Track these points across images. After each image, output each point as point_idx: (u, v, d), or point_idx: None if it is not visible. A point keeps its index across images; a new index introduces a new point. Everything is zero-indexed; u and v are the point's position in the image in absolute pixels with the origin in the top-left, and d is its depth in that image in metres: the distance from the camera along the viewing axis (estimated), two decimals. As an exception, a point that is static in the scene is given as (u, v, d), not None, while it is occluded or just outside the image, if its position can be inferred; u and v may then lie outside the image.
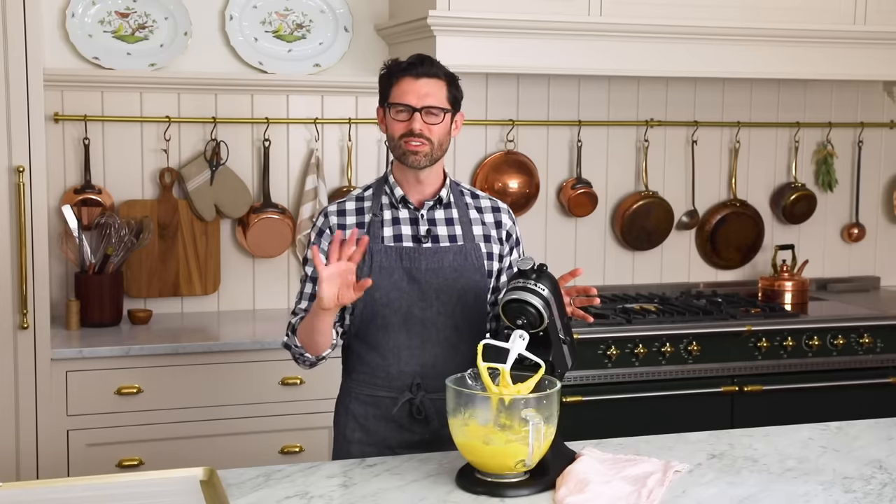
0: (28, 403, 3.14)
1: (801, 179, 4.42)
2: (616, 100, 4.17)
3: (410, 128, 2.33)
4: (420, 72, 2.35)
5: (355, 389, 2.46)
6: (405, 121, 2.34)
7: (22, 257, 3.11)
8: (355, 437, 2.45)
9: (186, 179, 3.70)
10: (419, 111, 2.33)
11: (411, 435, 2.42)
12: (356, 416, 2.45)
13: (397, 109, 2.34)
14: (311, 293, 2.43)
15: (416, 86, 2.34)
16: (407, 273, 2.37)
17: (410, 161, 2.36)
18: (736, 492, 2.06)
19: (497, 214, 2.50)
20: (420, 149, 2.34)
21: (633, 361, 3.58)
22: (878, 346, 3.82)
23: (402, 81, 2.35)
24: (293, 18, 3.82)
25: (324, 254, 2.38)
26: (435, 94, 2.35)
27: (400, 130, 2.35)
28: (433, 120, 2.34)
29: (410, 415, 2.41)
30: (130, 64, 3.65)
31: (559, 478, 2.08)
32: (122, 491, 2.00)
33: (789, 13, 3.81)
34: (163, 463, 3.14)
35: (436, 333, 2.39)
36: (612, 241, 4.25)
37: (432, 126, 2.34)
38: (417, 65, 2.35)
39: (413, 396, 2.39)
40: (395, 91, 2.35)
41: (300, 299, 2.45)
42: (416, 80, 2.34)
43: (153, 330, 3.51)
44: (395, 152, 2.39)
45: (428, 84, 2.34)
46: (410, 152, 2.34)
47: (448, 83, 2.38)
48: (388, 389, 2.41)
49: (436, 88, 2.35)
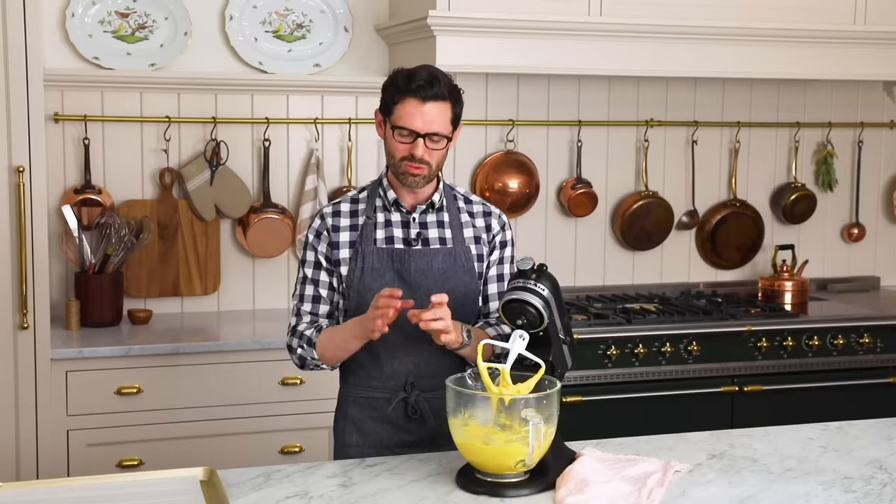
0: (28, 403, 3.14)
1: (801, 179, 4.42)
2: (616, 100, 4.17)
3: (412, 153, 2.33)
4: (427, 95, 2.31)
5: (352, 393, 2.47)
6: (408, 143, 2.34)
7: (22, 257, 3.11)
8: (353, 440, 2.46)
9: (186, 179, 3.70)
10: (423, 137, 2.32)
11: (408, 435, 2.43)
12: (353, 419, 2.47)
13: (401, 133, 2.34)
14: (312, 295, 2.45)
15: (422, 110, 2.31)
16: (398, 274, 2.39)
17: (408, 182, 2.38)
18: (736, 492, 2.06)
19: (488, 219, 2.50)
20: (419, 172, 2.35)
21: (633, 361, 3.58)
22: (878, 346, 3.82)
23: (407, 103, 2.32)
24: (293, 18, 3.82)
25: (323, 256, 2.43)
26: (439, 120, 2.33)
27: (402, 153, 2.35)
28: (435, 146, 2.34)
29: (406, 414, 2.42)
30: (130, 64, 3.65)
31: (559, 478, 2.08)
32: (122, 491, 2.00)
33: (789, 13, 3.81)
34: (163, 463, 3.14)
35: (428, 335, 2.38)
36: (612, 241, 4.25)
37: (434, 151, 2.35)
38: (426, 87, 2.31)
39: (407, 395, 2.41)
40: (400, 111, 2.33)
41: (301, 301, 2.47)
42: (423, 104, 2.31)
43: (153, 330, 3.51)
44: (394, 169, 2.40)
45: (434, 109, 2.32)
46: (409, 174, 2.36)
47: (453, 104, 2.36)
48: (382, 390, 2.43)
49: (441, 112, 2.33)
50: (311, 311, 2.45)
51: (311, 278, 2.46)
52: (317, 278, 2.45)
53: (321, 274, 2.45)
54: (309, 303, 2.46)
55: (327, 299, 2.45)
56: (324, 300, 2.45)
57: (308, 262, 2.47)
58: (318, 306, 2.45)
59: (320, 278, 2.45)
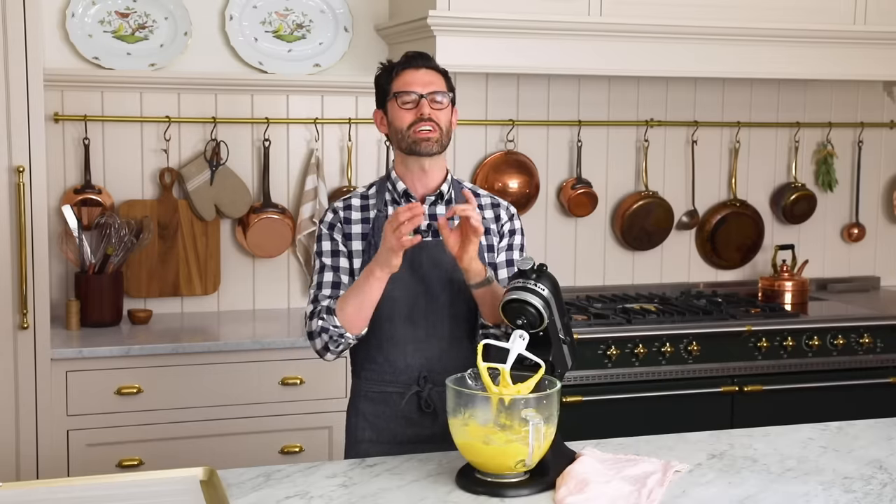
0: (28, 403, 3.14)
1: (801, 179, 4.42)
2: (616, 100, 4.17)
3: (420, 113, 2.36)
4: (420, 63, 2.42)
5: (364, 388, 2.47)
6: (412, 109, 2.37)
7: (22, 257, 3.11)
8: (365, 436, 2.45)
9: (186, 179, 3.70)
10: (425, 97, 2.37)
11: (421, 429, 2.43)
12: (366, 414, 2.46)
13: (403, 99, 2.37)
14: (332, 281, 2.41)
15: (419, 75, 2.40)
16: (409, 266, 2.38)
17: (422, 148, 2.37)
18: (736, 492, 2.06)
19: (497, 209, 2.52)
20: (431, 135, 2.37)
21: (633, 361, 3.58)
22: (878, 346, 3.82)
23: (403, 73, 2.40)
24: (293, 18, 3.82)
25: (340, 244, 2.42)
26: (437, 82, 2.41)
27: (409, 119, 2.37)
28: (438, 106, 2.38)
29: (419, 408, 2.42)
30: (130, 64, 3.65)
31: (559, 478, 2.08)
32: (122, 491, 2.00)
33: (789, 13, 3.81)
34: (163, 463, 3.14)
35: (440, 326, 2.40)
36: (612, 241, 4.25)
37: (439, 112, 2.38)
38: (417, 58, 2.43)
39: (420, 389, 2.41)
40: (398, 83, 2.40)
41: (320, 288, 2.41)
42: (417, 70, 2.41)
43: (153, 330, 3.51)
44: (404, 144, 2.39)
45: (429, 74, 2.41)
46: (422, 139, 2.37)
47: (445, 78, 2.45)
48: (395, 384, 2.42)
49: (436, 77, 2.42)
50: (331, 296, 2.39)
51: (331, 265, 2.42)
52: (336, 265, 2.42)
53: (340, 260, 2.42)
54: (328, 288, 2.40)
55: (348, 286, 2.39)
56: (344, 286, 2.39)
57: (325, 252, 2.44)
58: (339, 291, 2.39)
59: (340, 265, 2.42)
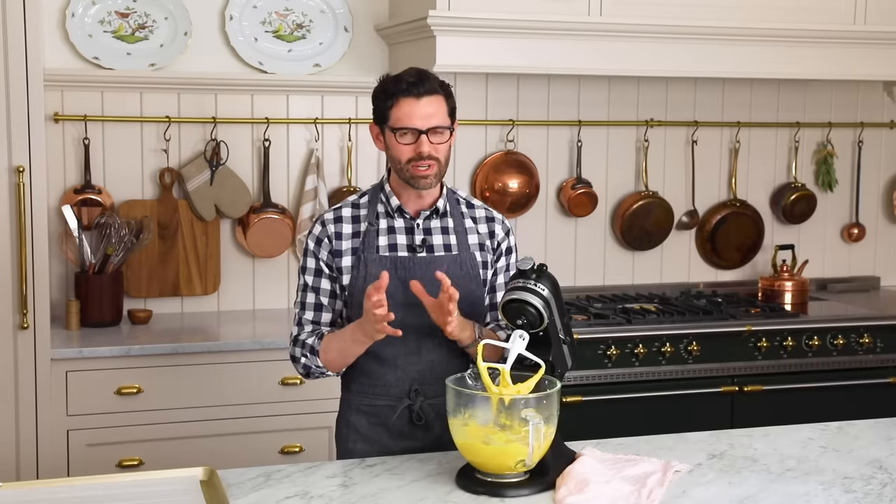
0: (28, 403, 3.14)
1: (801, 179, 4.42)
2: (616, 100, 4.17)
3: (419, 151, 2.29)
4: (421, 91, 2.29)
5: (355, 401, 2.44)
6: (411, 143, 2.30)
7: (22, 257, 3.11)
8: (357, 448, 2.43)
9: (186, 179, 3.70)
10: (425, 133, 2.29)
11: (413, 442, 2.41)
12: (357, 427, 2.44)
13: (402, 134, 2.30)
14: (314, 303, 2.41)
15: (419, 106, 2.29)
16: (401, 283, 2.34)
17: (420, 184, 2.32)
18: (736, 492, 2.06)
19: (491, 224, 2.47)
20: (429, 172, 2.31)
21: (633, 361, 3.58)
22: (878, 346, 3.82)
23: (402, 103, 2.29)
24: (293, 18, 3.82)
25: (324, 263, 2.39)
26: (438, 113, 2.30)
27: (407, 154, 2.30)
28: (439, 139, 2.31)
29: (411, 421, 2.40)
30: (130, 64, 3.65)
31: (559, 478, 2.08)
32: (122, 491, 2.00)
33: (789, 13, 3.81)
34: (163, 463, 3.14)
35: (431, 341, 2.37)
36: (612, 241, 4.25)
37: (439, 146, 2.31)
38: (417, 84, 2.29)
39: (412, 402, 2.38)
40: (397, 113, 2.30)
41: (303, 309, 2.42)
42: (418, 100, 2.29)
43: (153, 330, 3.51)
44: (402, 175, 2.34)
45: (430, 103, 2.30)
46: (420, 176, 2.31)
47: (446, 97, 2.34)
48: (387, 398, 2.40)
49: (437, 106, 2.31)
50: (314, 320, 2.41)
51: (312, 286, 2.41)
52: (318, 286, 2.40)
53: (322, 281, 2.40)
54: (311, 311, 2.41)
55: (329, 307, 2.41)
56: (326, 308, 2.41)
57: (309, 270, 2.42)
58: (321, 314, 2.41)
59: (321, 286, 2.41)
